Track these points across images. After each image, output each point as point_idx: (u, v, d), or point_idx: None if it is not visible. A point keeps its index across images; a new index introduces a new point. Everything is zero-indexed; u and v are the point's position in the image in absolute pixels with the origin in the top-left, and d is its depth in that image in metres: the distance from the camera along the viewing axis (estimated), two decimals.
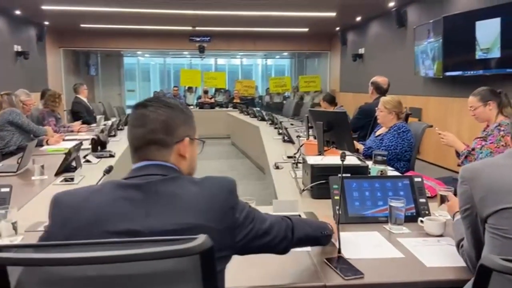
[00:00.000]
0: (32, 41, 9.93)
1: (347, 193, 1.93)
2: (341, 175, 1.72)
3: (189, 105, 11.58)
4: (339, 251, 1.52)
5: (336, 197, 1.89)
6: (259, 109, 8.36)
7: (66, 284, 0.87)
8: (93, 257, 0.82)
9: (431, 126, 3.55)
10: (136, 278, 0.90)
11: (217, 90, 13.24)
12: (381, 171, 2.31)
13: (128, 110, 11.43)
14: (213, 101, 11.44)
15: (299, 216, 1.96)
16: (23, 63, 9.13)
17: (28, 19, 9.47)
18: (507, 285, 0.97)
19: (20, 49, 9.05)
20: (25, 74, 9.12)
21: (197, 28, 11.14)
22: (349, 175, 2.00)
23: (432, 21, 6.59)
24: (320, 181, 2.21)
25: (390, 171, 2.53)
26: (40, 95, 6.14)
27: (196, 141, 1.24)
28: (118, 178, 1.14)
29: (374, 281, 1.36)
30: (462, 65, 5.93)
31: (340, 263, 1.45)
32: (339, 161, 2.32)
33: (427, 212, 1.91)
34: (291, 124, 6.15)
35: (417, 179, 1.99)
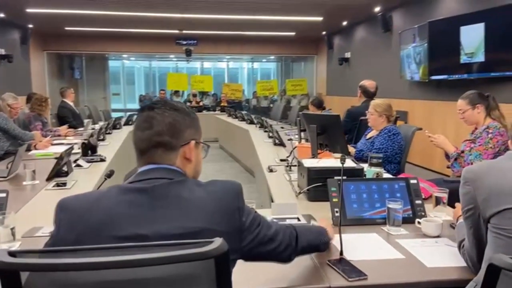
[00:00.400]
0: (16, 44, 9.76)
1: (345, 195, 1.95)
2: (341, 177, 1.74)
3: None
4: (341, 253, 1.54)
5: (334, 200, 1.91)
6: (248, 112, 8.37)
7: None
8: (111, 261, 0.81)
9: (421, 129, 3.60)
10: (150, 282, 0.89)
11: (204, 93, 13.21)
12: (377, 173, 2.34)
13: (114, 114, 11.31)
14: (201, 104, 11.41)
15: (298, 219, 1.99)
16: (6, 67, 8.97)
17: (12, 22, 9.32)
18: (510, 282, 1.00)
19: (3, 52, 8.90)
20: (9, 77, 8.96)
21: (184, 31, 11.10)
22: (346, 178, 2.03)
23: (417, 26, 6.71)
24: (317, 184, 2.23)
25: (384, 173, 2.56)
26: (26, 99, 6.04)
27: (201, 145, 1.24)
28: (114, 182, 1.14)
29: (377, 282, 1.38)
30: (447, 69, 6.05)
31: (342, 264, 1.47)
32: (335, 163, 2.37)
33: (423, 213, 1.94)
34: (282, 127, 6.18)
35: (413, 181, 2.03)
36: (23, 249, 0.96)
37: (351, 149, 3.55)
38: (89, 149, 3.67)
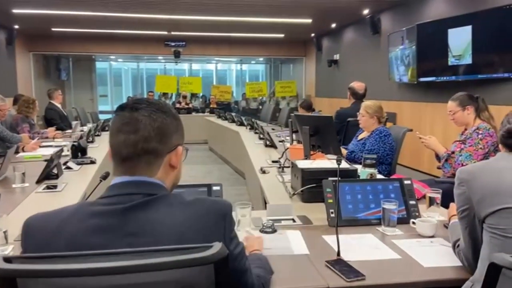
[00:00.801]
0: (1, 45, 9.62)
1: (340, 196, 1.95)
2: (337, 178, 1.75)
3: None
4: (338, 254, 1.54)
5: (329, 201, 1.92)
6: (237, 114, 8.37)
7: None
8: (109, 267, 0.80)
9: (411, 130, 3.64)
10: (149, 287, 0.87)
11: (193, 95, 13.17)
12: (371, 174, 2.35)
13: (101, 115, 11.19)
14: (190, 106, 11.38)
15: (293, 220, 1.99)
16: None
17: None
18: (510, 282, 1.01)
19: None
20: None
21: (173, 32, 11.06)
22: (341, 178, 2.03)
23: (405, 28, 6.78)
24: (311, 185, 2.23)
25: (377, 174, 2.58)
26: (12, 101, 5.95)
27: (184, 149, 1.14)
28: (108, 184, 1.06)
29: (375, 282, 1.38)
30: (435, 71, 6.13)
31: (340, 265, 1.47)
32: (329, 164, 2.38)
33: (417, 214, 1.96)
34: (272, 129, 6.18)
35: (406, 182, 2.04)
36: (18, 254, 0.92)
37: (342, 150, 3.57)
38: (79, 151, 3.63)
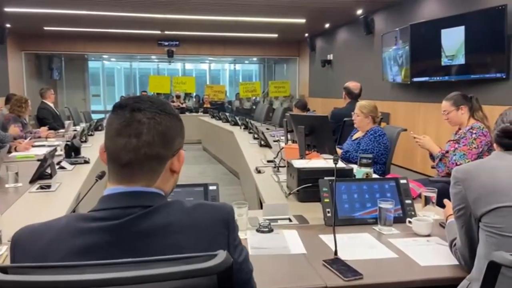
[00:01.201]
0: None
1: (336, 195, 1.95)
2: (334, 178, 1.75)
3: None
4: (336, 253, 1.54)
5: (326, 200, 1.92)
6: (231, 114, 8.36)
7: None
8: (111, 278, 0.75)
9: (405, 130, 3.65)
10: None
11: (186, 95, 13.14)
12: (367, 174, 2.36)
13: (94, 115, 11.12)
14: (184, 105, 11.34)
15: (289, 219, 1.98)
16: None
17: None
18: (508, 282, 1.02)
19: None
20: None
21: (166, 32, 11.02)
22: (337, 178, 2.03)
23: (399, 28, 6.82)
24: (307, 184, 2.23)
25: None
26: (4, 100, 5.90)
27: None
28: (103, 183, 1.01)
29: (373, 281, 1.39)
30: (428, 71, 6.17)
31: (338, 264, 1.47)
32: (324, 164, 2.38)
33: (413, 213, 1.97)
34: (267, 128, 6.18)
35: (402, 181, 2.05)
36: (15, 264, 0.89)
37: (337, 150, 3.57)
38: (72, 151, 3.60)
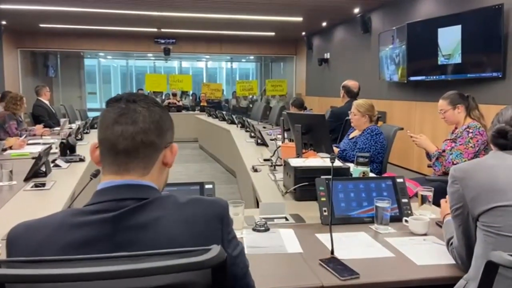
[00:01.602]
0: None
1: (333, 194, 1.94)
2: (330, 176, 1.74)
3: None
4: (332, 252, 1.54)
5: (322, 199, 1.91)
6: (228, 112, 8.34)
7: None
8: (105, 272, 0.76)
9: (402, 128, 3.65)
10: None
11: (183, 93, 13.11)
12: (363, 173, 2.35)
13: (90, 113, 11.07)
14: (181, 104, 11.31)
15: (285, 218, 1.97)
16: None
17: None
18: (508, 283, 1.01)
19: None
20: None
21: (163, 30, 10.98)
22: (334, 177, 2.02)
23: (395, 27, 6.82)
24: (303, 183, 2.22)
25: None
26: (0, 98, 5.86)
27: None
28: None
29: (369, 280, 1.38)
30: (425, 70, 6.17)
31: (334, 263, 1.46)
32: (321, 163, 2.37)
33: (409, 212, 1.96)
34: (263, 127, 6.17)
35: (399, 180, 2.04)
36: (7, 258, 0.88)
37: (334, 149, 3.57)
38: (67, 149, 3.58)
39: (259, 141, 4.44)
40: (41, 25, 10.25)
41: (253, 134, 4.92)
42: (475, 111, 3.04)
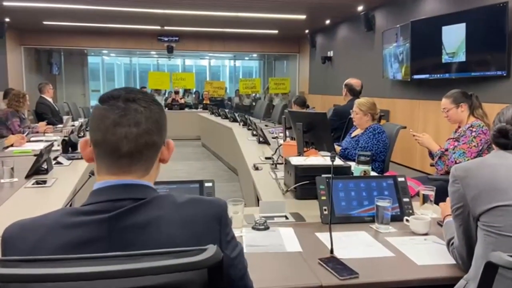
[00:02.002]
0: None
1: (333, 193, 1.93)
2: (330, 175, 1.73)
3: None
4: (332, 251, 1.52)
5: (323, 198, 1.90)
6: (230, 110, 8.33)
7: None
8: (101, 271, 0.75)
9: (405, 127, 3.63)
10: None
11: (186, 91, 13.11)
12: (364, 171, 2.34)
13: None
14: (183, 101, 11.31)
15: (286, 217, 1.96)
16: None
17: None
18: (507, 283, 1.00)
19: None
20: None
21: (166, 27, 10.97)
22: (334, 175, 2.01)
23: (399, 25, 6.78)
24: (304, 182, 2.21)
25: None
26: (3, 95, 5.87)
27: None
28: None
29: (369, 280, 1.37)
30: (428, 68, 6.13)
31: (333, 263, 1.45)
32: (322, 161, 2.36)
33: (411, 211, 1.95)
34: (265, 125, 6.16)
35: (400, 179, 2.03)
36: (1, 257, 0.87)
37: (336, 147, 3.55)
38: (69, 146, 3.58)
39: (261, 139, 4.42)
40: (45, 23, 10.27)
41: (255, 132, 4.91)
42: (478, 110, 3.02)
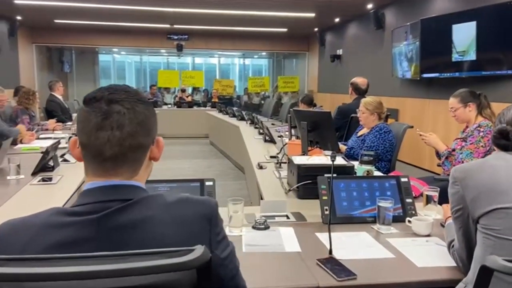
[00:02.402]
0: (3, 36, 9.60)
1: (335, 193, 1.92)
2: (331, 175, 1.71)
3: (166, 104, 11.47)
4: (330, 252, 1.51)
5: (324, 197, 1.89)
6: (239, 108, 8.33)
7: None
8: (89, 271, 0.75)
9: (412, 126, 3.59)
10: None
11: (195, 89, 13.14)
12: (367, 171, 2.32)
13: None
14: (191, 100, 11.33)
15: (287, 216, 1.95)
16: None
17: None
18: (505, 286, 0.98)
19: None
20: None
21: (175, 26, 11.00)
22: (336, 175, 2.00)
23: (409, 23, 6.71)
24: (306, 181, 2.20)
25: (375, 171, 2.54)
26: (13, 92, 5.94)
27: None
28: None
29: (367, 282, 1.35)
30: (438, 67, 6.06)
31: (332, 264, 1.44)
32: (325, 161, 2.34)
33: (413, 212, 1.92)
34: (272, 124, 6.15)
35: (403, 179, 2.01)
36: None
37: (342, 146, 3.53)
38: None
39: (267, 138, 4.42)
40: (56, 21, 10.36)
41: (261, 130, 4.90)
42: (486, 110, 2.97)
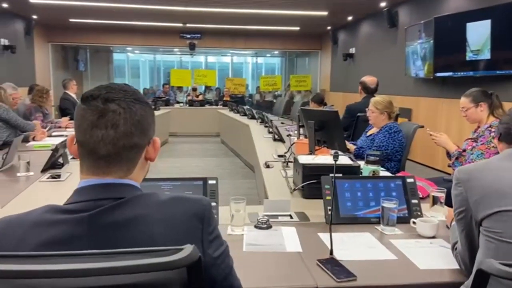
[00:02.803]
0: (19, 35, 9.76)
1: (339, 193, 1.90)
2: (333, 175, 1.70)
3: (179, 103, 11.53)
4: (331, 252, 1.50)
5: (328, 197, 1.87)
6: (249, 107, 8.33)
7: None
8: (79, 269, 0.75)
9: (422, 126, 3.54)
10: None
11: (207, 87, 13.19)
12: (373, 172, 2.29)
13: None
14: (202, 98, 11.37)
15: (290, 216, 1.94)
16: (10, 58, 8.97)
17: (15, 12, 9.30)
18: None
19: (7, 43, 8.90)
20: (12, 68, 8.97)
21: (188, 25, 11.05)
22: (341, 175, 1.98)
23: (423, 21, 6.62)
24: (311, 181, 2.18)
25: (381, 171, 2.51)
26: (27, 90, 6.04)
27: None
28: None
29: (367, 283, 1.34)
30: (452, 66, 5.96)
31: (332, 264, 1.42)
32: (331, 160, 2.31)
33: (419, 213, 1.90)
34: (282, 123, 6.13)
35: (409, 180, 1.98)
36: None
37: (351, 146, 3.50)
38: None
39: (276, 136, 4.40)
40: (71, 20, 10.50)
41: (271, 129, 4.89)
42: (498, 110, 2.91)
